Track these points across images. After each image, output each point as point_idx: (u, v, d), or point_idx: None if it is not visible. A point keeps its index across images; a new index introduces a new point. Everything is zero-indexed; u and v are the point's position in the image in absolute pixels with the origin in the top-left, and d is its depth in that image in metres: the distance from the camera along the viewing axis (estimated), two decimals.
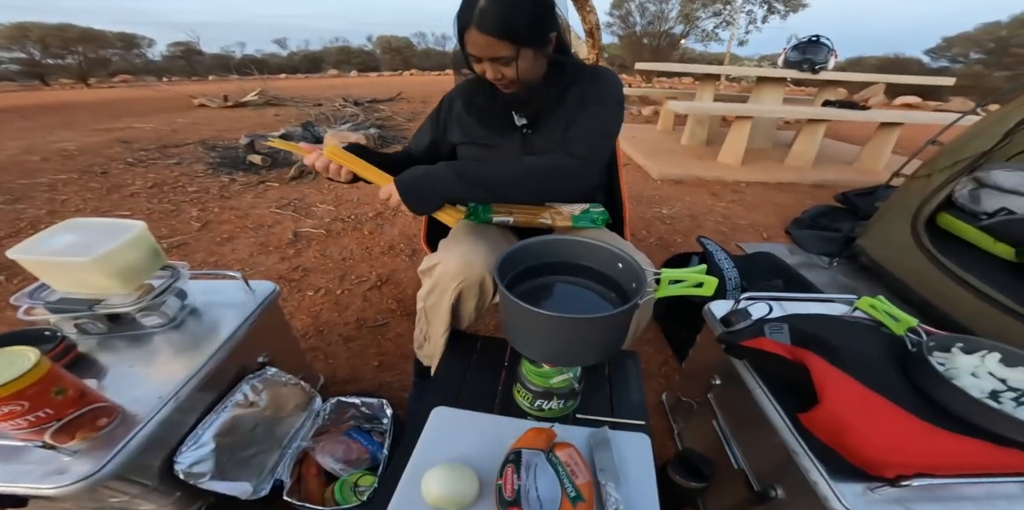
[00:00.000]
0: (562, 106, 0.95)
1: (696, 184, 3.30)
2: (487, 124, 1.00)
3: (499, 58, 0.80)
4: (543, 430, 0.66)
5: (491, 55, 0.79)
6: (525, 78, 0.85)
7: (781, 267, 1.69)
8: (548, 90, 0.92)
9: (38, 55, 19.73)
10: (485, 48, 0.78)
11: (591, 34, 5.23)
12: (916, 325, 0.76)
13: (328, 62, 29.52)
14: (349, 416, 1.06)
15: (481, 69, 0.85)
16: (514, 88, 0.90)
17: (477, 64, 0.85)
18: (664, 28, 17.56)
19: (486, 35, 0.76)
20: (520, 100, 0.93)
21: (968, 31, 17.75)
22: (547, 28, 0.83)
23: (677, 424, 1.19)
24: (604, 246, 0.77)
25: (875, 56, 21.40)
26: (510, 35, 0.76)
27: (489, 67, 0.83)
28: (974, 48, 17.24)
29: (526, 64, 0.82)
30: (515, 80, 0.85)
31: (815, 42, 3.85)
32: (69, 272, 0.80)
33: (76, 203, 2.79)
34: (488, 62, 0.82)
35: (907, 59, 20.00)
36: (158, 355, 0.83)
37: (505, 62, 0.81)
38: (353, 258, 2.11)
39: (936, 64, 18.79)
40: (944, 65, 18.39)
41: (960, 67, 17.09)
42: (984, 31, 17.08)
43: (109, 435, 0.66)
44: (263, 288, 1.04)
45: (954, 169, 1.73)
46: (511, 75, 0.83)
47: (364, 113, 5.86)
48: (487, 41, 0.77)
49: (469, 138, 1.02)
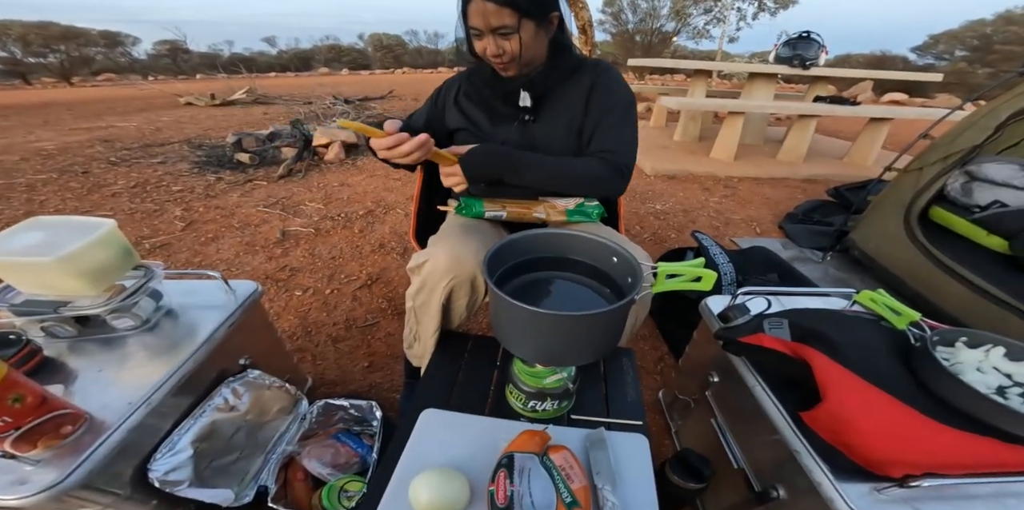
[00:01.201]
0: (567, 95, 0.93)
1: (689, 179, 3.29)
2: (488, 109, 0.97)
3: (501, 28, 0.78)
4: (537, 432, 0.63)
5: (494, 24, 0.78)
6: (526, 55, 0.84)
7: (775, 261, 1.68)
8: (552, 71, 0.91)
9: (19, 53, 19.33)
10: (487, 16, 0.77)
11: (584, 31, 5.20)
12: (919, 319, 0.74)
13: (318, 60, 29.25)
14: (337, 419, 1.02)
15: (482, 46, 0.83)
16: (514, 70, 0.87)
17: (478, 41, 0.83)
18: (656, 25, 17.64)
19: (489, 2, 0.75)
20: (525, 81, 0.91)
21: (954, 28, 17.95)
22: (549, 3, 0.82)
23: (674, 422, 1.17)
24: (598, 239, 0.74)
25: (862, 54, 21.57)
26: (512, 2, 0.75)
27: (491, 41, 0.81)
28: (959, 45, 17.42)
29: (527, 37, 0.81)
30: (515, 57, 0.83)
31: (805, 38, 3.86)
32: (33, 273, 0.76)
33: (55, 203, 2.71)
34: (489, 35, 0.80)
35: (893, 56, 20.22)
36: (130, 359, 0.79)
37: (506, 33, 0.79)
38: (343, 257, 2.07)
39: (922, 61, 18.98)
40: (930, 62, 18.57)
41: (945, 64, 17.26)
42: (969, 28, 17.25)
43: (75, 443, 0.62)
44: (244, 288, 1.00)
45: (946, 162, 1.73)
46: (512, 50, 0.81)
47: (355, 111, 5.81)
48: (489, 9, 0.76)
49: (467, 124, 1.00)
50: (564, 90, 0.94)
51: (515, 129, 0.96)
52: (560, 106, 0.94)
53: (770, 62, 4.05)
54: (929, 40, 18.86)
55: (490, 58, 0.85)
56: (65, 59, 19.70)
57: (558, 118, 0.94)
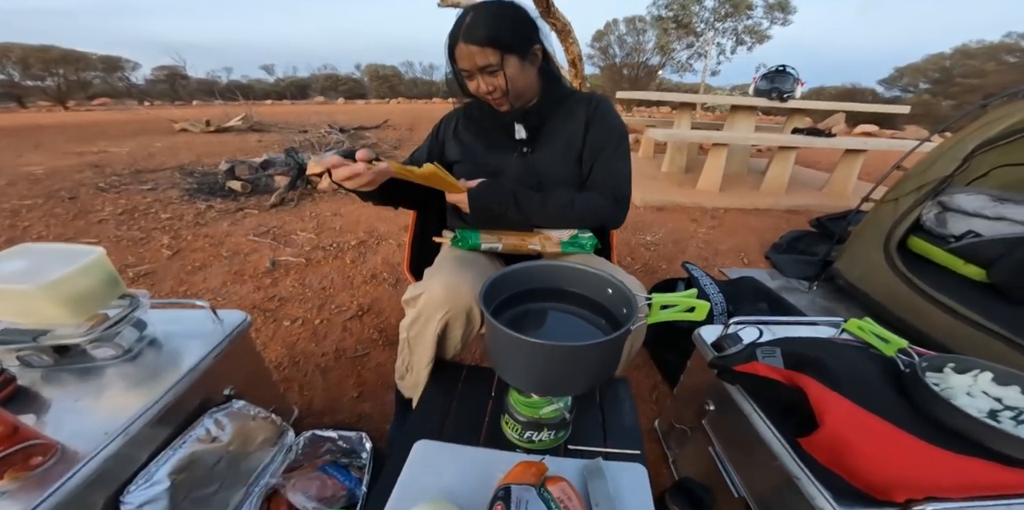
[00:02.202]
0: (563, 126, 0.97)
1: (677, 210, 3.36)
2: (486, 141, 1.00)
3: (487, 67, 0.83)
4: (533, 463, 0.62)
5: (479, 64, 0.82)
6: (515, 88, 0.87)
7: (764, 291, 1.70)
8: (544, 102, 0.95)
9: (18, 76, 19.34)
10: (472, 58, 0.82)
11: (574, 64, 5.45)
12: (907, 346, 0.75)
13: (315, 88, 29.81)
14: (325, 450, 0.98)
15: (474, 86, 0.88)
16: (507, 104, 0.91)
17: (470, 81, 0.87)
18: (642, 59, 18.53)
19: (472, 45, 0.80)
20: (519, 114, 0.94)
21: (916, 62, 18.63)
22: (529, 38, 0.86)
23: (671, 451, 1.14)
24: (593, 271, 0.75)
25: (834, 86, 22.24)
26: (493, 42, 0.80)
27: (481, 80, 0.86)
28: (922, 78, 18.10)
29: (513, 72, 0.85)
30: (506, 91, 0.86)
31: (782, 71, 4.03)
32: (14, 300, 0.74)
33: (38, 229, 2.67)
34: (479, 75, 0.85)
35: (863, 89, 20.87)
36: (109, 389, 0.76)
37: (492, 71, 0.83)
38: (333, 287, 2.04)
39: (889, 93, 19.64)
40: (896, 94, 19.22)
41: (911, 96, 17.89)
42: (930, 62, 17.98)
43: (45, 474, 0.59)
44: (233, 318, 0.99)
45: (919, 193, 1.79)
46: (501, 85, 0.85)
47: (350, 140, 5.86)
48: (473, 51, 0.81)
49: (467, 156, 1.02)
50: (559, 120, 0.97)
51: (514, 160, 0.99)
52: (557, 136, 0.97)
53: (750, 95, 4.23)
54: (895, 73, 19.55)
55: (484, 96, 0.89)
56: (62, 82, 19.73)
57: (556, 148, 0.97)
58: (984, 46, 16.36)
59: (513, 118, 0.95)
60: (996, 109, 1.76)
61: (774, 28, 15.83)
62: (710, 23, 16.16)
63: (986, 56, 15.97)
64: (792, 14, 15.33)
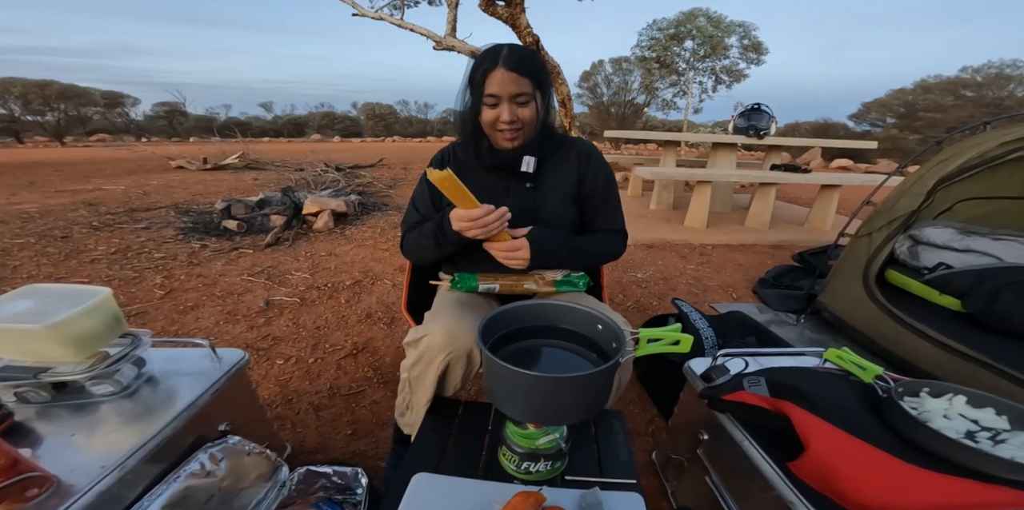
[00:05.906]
0: (558, 166, 1.03)
1: (666, 248, 3.42)
2: (481, 180, 0.99)
3: (520, 95, 0.87)
4: (531, 494, 0.63)
5: (514, 91, 0.86)
6: (531, 123, 0.93)
7: (752, 325, 1.74)
8: (544, 141, 1.01)
9: (18, 111, 19.25)
10: (509, 85, 0.86)
11: (563, 104, 5.77)
12: (882, 372, 0.79)
13: (312, 127, 30.37)
14: (319, 486, 0.97)
15: (495, 114, 0.89)
16: (520, 138, 0.95)
17: (491, 110, 0.90)
18: (628, 98, 19.38)
19: (512, 72, 0.85)
20: (523, 148, 0.98)
21: (882, 97, 19.11)
22: (549, 81, 0.95)
23: (670, 483, 1.14)
24: (583, 308, 0.80)
25: (808, 121, 22.78)
26: (531, 74, 0.87)
27: (507, 108, 0.88)
28: (888, 113, 18.60)
29: (536, 106, 0.91)
30: (526, 124, 0.92)
31: (757, 109, 4.27)
32: (20, 340, 0.76)
33: (28, 269, 2.64)
34: (507, 103, 0.88)
35: (835, 124, 21.32)
36: (107, 424, 0.77)
37: (524, 101, 0.88)
38: (328, 326, 2.04)
39: (859, 128, 20.00)
40: (867, 129, 19.60)
41: (879, 131, 18.30)
42: (894, 97, 18.52)
43: (39, 506, 0.60)
44: (231, 356, 1.01)
45: (890, 228, 1.86)
46: (527, 117, 0.90)
47: (345, 179, 5.90)
48: (513, 78, 0.85)
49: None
50: (558, 160, 1.04)
51: (512, 199, 0.98)
52: (554, 176, 1.03)
53: (729, 132, 4.46)
54: (863, 108, 19.91)
55: (501, 125, 0.91)
56: (61, 118, 19.66)
57: (553, 188, 1.03)
58: (942, 81, 17.17)
59: (524, 151, 0.97)
60: (952, 146, 1.87)
61: (751, 68, 16.85)
62: (691, 63, 17.17)
63: (944, 91, 16.74)
64: (765, 55, 16.35)
